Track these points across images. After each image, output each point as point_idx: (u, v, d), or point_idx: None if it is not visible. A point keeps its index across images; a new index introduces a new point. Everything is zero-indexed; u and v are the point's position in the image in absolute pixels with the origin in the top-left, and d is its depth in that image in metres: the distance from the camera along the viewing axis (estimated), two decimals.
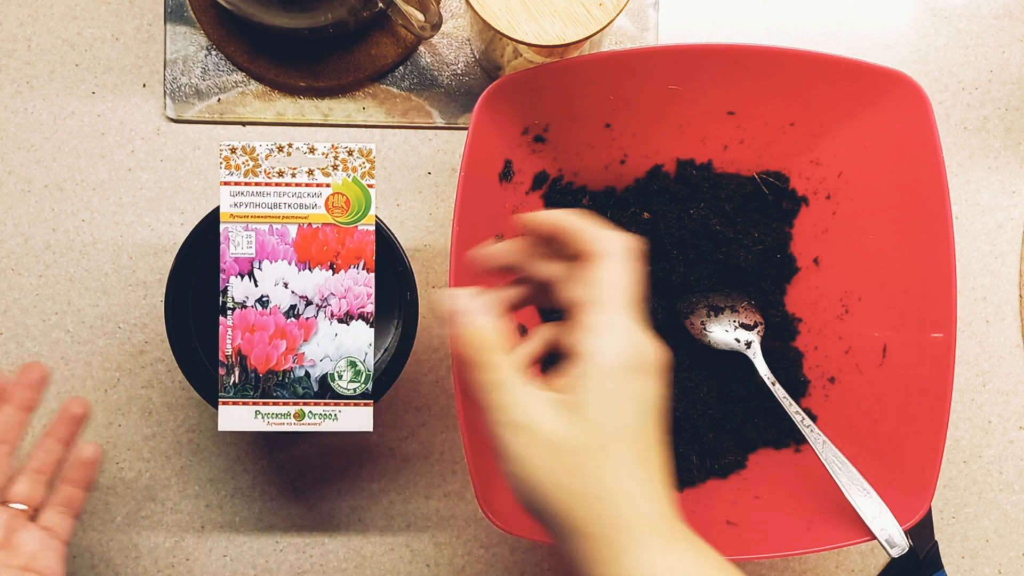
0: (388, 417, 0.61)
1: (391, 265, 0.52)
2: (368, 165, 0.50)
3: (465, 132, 0.61)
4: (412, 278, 0.51)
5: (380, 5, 0.57)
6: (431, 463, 0.61)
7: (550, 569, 0.61)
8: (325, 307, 0.51)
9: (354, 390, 0.51)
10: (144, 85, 0.61)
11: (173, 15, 0.60)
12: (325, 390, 0.51)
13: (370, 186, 0.51)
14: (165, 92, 0.60)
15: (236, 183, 0.50)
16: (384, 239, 0.51)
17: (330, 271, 0.51)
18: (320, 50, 0.59)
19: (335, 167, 0.50)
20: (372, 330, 0.51)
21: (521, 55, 0.53)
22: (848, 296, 0.55)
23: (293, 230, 0.51)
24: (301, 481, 0.61)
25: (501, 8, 0.46)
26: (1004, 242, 0.62)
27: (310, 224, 0.51)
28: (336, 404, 0.51)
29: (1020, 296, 0.62)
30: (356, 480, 0.61)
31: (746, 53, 0.51)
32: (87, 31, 0.61)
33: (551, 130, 0.54)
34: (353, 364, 0.51)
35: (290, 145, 0.50)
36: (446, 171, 0.61)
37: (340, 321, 0.51)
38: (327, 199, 0.51)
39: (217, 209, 0.50)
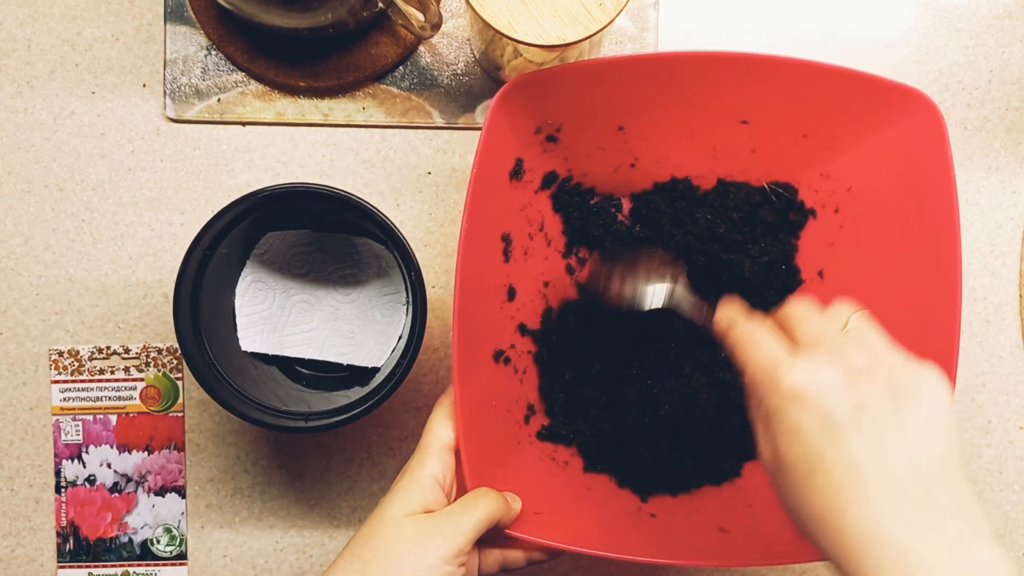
0: (388, 417, 0.61)
1: (402, 267, 0.53)
2: (176, 361, 0.60)
3: (465, 132, 0.61)
4: (422, 286, 0.51)
5: (380, 5, 0.57)
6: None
7: (550, 569, 0.61)
8: (143, 483, 0.60)
9: (170, 552, 0.60)
10: (144, 85, 0.61)
11: (173, 15, 0.60)
12: (146, 553, 0.60)
13: (178, 379, 0.60)
14: (165, 92, 0.60)
15: (64, 381, 0.60)
16: (396, 242, 0.51)
17: (146, 452, 0.60)
18: (320, 50, 0.59)
19: (147, 364, 0.60)
20: (184, 500, 0.60)
21: (521, 55, 0.53)
22: None
23: (114, 419, 0.60)
24: (301, 481, 0.61)
25: (501, 8, 0.46)
26: (1004, 242, 0.62)
27: (128, 413, 0.60)
28: (155, 565, 0.60)
29: (1020, 296, 0.62)
30: (356, 480, 0.61)
31: (762, 62, 0.50)
32: (87, 31, 0.61)
33: (564, 130, 0.54)
34: (169, 530, 0.60)
35: (108, 348, 0.60)
36: (446, 171, 0.61)
37: (156, 494, 0.60)
38: (141, 391, 0.60)
39: (220, 215, 0.50)
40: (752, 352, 0.38)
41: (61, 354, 0.60)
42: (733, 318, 0.41)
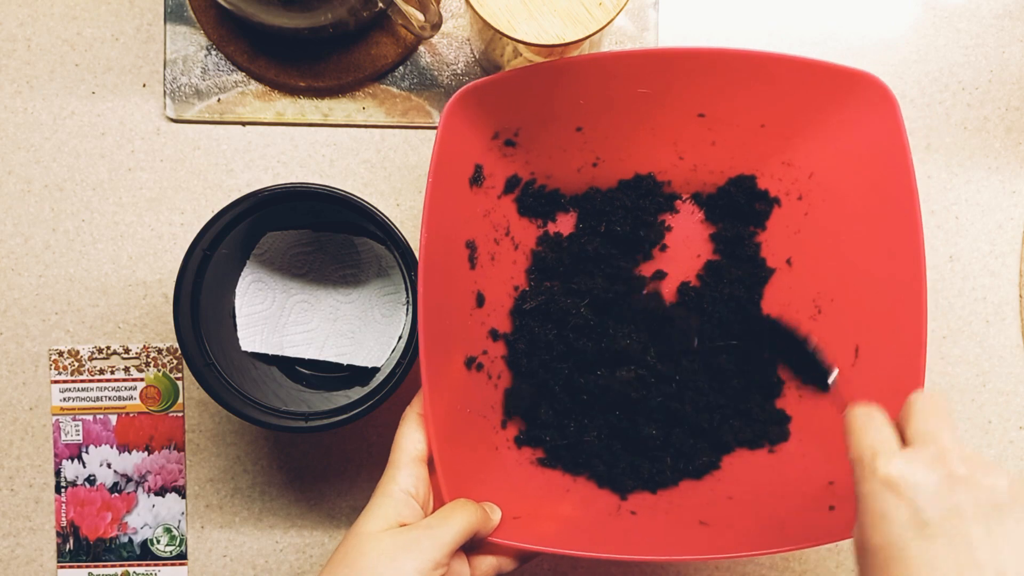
0: (388, 417, 0.61)
1: (402, 267, 0.53)
2: (176, 361, 0.60)
3: None
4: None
5: (380, 5, 0.57)
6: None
7: (550, 570, 0.61)
8: (143, 482, 0.60)
9: (170, 552, 0.60)
10: (144, 85, 0.61)
11: (173, 15, 0.60)
12: (146, 553, 0.60)
13: (178, 379, 0.60)
14: (165, 92, 0.60)
15: (64, 381, 0.60)
16: (397, 242, 0.51)
17: (146, 452, 0.60)
18: (320, 50, 0.59)
19: (147, 364, 0.60)
20: (184, 500, 0.60)
21: (521, 55, 0.53)
22: (821, 297, 0.55)
23: (114, 419, 0.60)
24: (301, 481, 0.61)
25: (501, 8, 0.46)
26: (1004, 242, 0.62)
27: (128, 413, 0.60)
28: (155, 565, 0.60)
29: (1020, 296, 0.62)
30: (356, 480, 0.61)
31: (713, 56, 0.51)
32: (87, 31, 0.61)
33: (522, 134, 0.54)
34: (169, 530, 0.60)
35: (108, 347, 0.60)
36: None
37: (156, 494, 0.60)
38: (141, 391, 0.60)
39: (220, 215, 0.50)
40: (860, 433, 0.38)
41: (61, 354, 0.60)
42: (851, 400, 0.42)
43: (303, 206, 0.53)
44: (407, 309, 0.56)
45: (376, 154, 0.61)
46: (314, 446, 0.61)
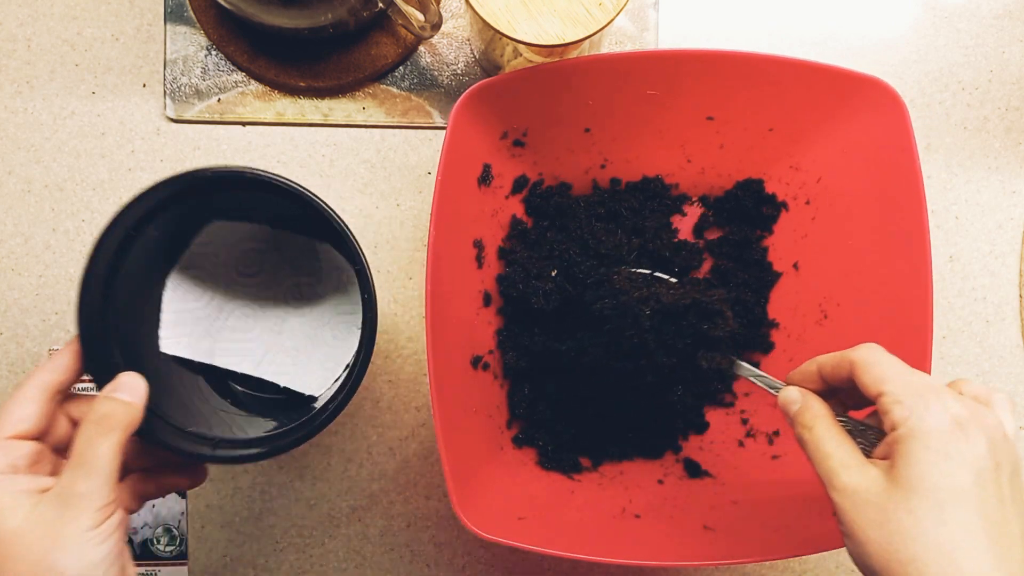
0: (388, 417, 0.61)
1: (361, 286, 0.45)
2: None
3: None
4: (374, 307, 0.45)
5: (380, 5, 0.57)
6: (431, 463, 0.61)
7: (549, 569, 0.61)
8: None
9: (170, 552, 0.60)
10: (144, 85, 0.61)
11: (173, 15, 0.60)
12: (146, 553, 0.60)
13: None
14: (165, 92, 0.60)
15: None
16: (352, 255, 0.45)
17: None
18: (320, 50, 0.59)
19: None
20: (185, 500, 0.60)
21: (521, 55, 0.53)
22: (827, 302, 0.55)
23: None
24: (301, 481, 0.61)
25: (501, 8, 0.46)
26: (1004, 242, 0.62)
27: None
28: (155, 565, 0.60)
29: (1020, 296, 0.62)
30: (356, 480, 0.61)
31: (723, 59, 0.51)
32: (87, 31, 0.61)
33: (530, 134, 0.54)
34: (169, 530, 0.60)
35: None
36: None
37: None
38: None
39: (151, 191, 0.43)
40: (899, 368, 0.37)
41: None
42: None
43: (261, 199, 0.44)
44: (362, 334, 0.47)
45: (376, 154, 0.61)
46: (314, 446, 0.61)
